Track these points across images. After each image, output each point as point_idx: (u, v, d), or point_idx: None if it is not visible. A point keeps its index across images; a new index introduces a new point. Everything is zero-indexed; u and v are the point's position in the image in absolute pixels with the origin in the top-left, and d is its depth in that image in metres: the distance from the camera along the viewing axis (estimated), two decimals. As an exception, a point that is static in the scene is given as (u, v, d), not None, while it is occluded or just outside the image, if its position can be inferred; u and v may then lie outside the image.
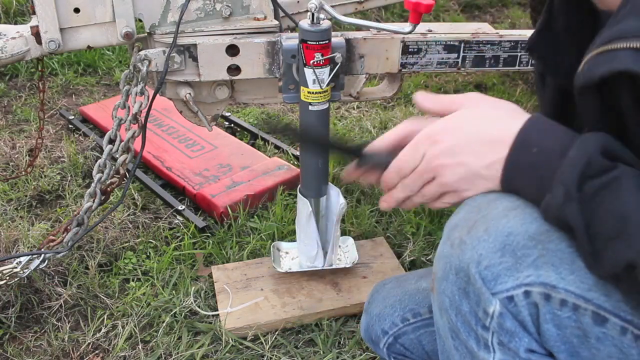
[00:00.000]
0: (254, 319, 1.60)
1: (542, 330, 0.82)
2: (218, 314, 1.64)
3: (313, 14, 1.32)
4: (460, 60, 1.55)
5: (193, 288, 1.73)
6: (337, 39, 1.44)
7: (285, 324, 1.61)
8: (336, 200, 1.59)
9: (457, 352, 0.93)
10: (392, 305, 1.23)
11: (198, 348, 1.54)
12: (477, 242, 0.82)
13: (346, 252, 1.78)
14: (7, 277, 1.46)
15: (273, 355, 1.54)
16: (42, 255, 1.46)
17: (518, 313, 0.81)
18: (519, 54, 1.56)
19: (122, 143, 1.42)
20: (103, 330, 1.60)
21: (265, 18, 1.49)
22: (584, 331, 0.80)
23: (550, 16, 0.99)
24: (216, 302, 1.67)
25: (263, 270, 1.76)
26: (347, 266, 1.71)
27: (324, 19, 1.34)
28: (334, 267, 1.71)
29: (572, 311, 0.80)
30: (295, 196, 2.12)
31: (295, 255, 1.76)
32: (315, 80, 1.38)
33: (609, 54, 0.72)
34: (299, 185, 1.59)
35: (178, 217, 2.04)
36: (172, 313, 1.64)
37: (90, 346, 1.57)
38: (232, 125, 2.61)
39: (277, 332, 1.60)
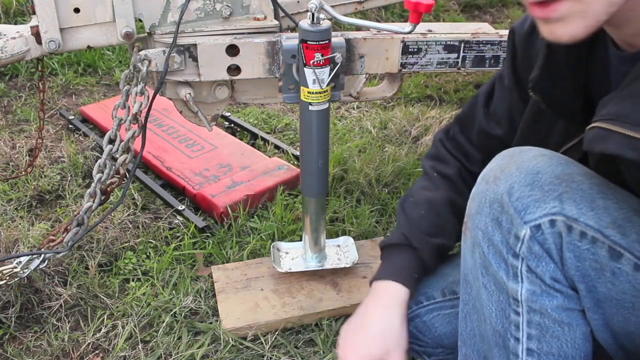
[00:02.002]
0: (254, 319, 1.60)
1: (564, 259, 0.93)
2: (218, 314, 1.64)
3: (313, 14, 1.32)
4: (460, 60, 1.55)
5: (193, 288, 1.73)
6: (337, 39, 1.44)
7: (285, 324, 1.61)
8: None
9: (485, 291, 1.02)
10: None
11: (198, 348, 1.54)
12: (509, 177, 0.96)
13: (346, 252, 1.78)
14: (7, 277, 1.46)
15: (273, 355, 1.54)
16: (42, 255, 1.46)
17: (544, 240, 0.92)
18: (519, 54, 1.56)
19: (122, 143, 1.42)
20: (103, 330, 1.60)
21: (265, 18, 1.49)
22: (600, 264, 0.90)
23: (550, 52, 1.01)
24: (216, 302, 1.67)
25: (263, 270, 1.76)
26: (347, 266, 1.71)
27: (324, 19, 1.34)
28: (334, 267, 1.71)
29: (591, 244, 0.90)
30: (296, 196, 2.13)
31: (295, 255, 1.76)
32: (315, 80, 1.39)
33: (606, 132, 0.81)
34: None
35: (178, 217, 2.04)
36: (172, 313, 1.64)
37: (90, 346, 1.57)
38: (232, 125, 2.61)
39: (277, 332, 1.60)
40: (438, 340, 1.25)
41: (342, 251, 1.78)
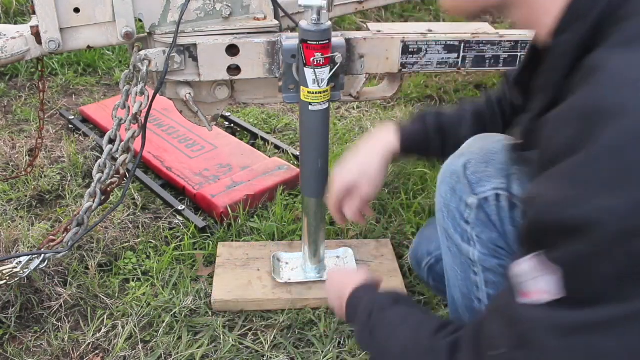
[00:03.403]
0: (242, 295, 1.66)
1: (506, 232, 1.07)
2: (218, 314, 1.64)
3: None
4: (460, 60, 1.55)
5: (193, 288, 1.73)
6: (337, 38, 1.44)
7: (273, 305, 1.66)
8: None
9: (449, 252, 1.18)
10: None
11: (198, 348, 1.54)
12: (469, 153, 1.12)
13: (345, 263, 1.80)
14: (7, 277, 1.46)
15: (273, 355, 1.54)
16: (42, 255, 1.46)
17: (490, 209, 1.07)
18: (519, 54, 1.56)
19: (122, 143, 1.42)
20: (103, 330, 1.60)
21: (265, 18, 1.49)
22: (513, 220, 1.07)
23: (533, 52, 1.06)
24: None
25: (265, 253, 1.82)
26: None
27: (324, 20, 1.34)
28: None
29: (515, 210, 1.06)
30: (296, 196, 2.13)
31: (294, 265, 1.78)
32: (315, 80, 1.38)
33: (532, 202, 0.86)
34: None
35: (178, 217, 2.04)
36: (172, 313, 1.64)
37: (90, 346, 1.57)
38: (232, 125, 2.61)
39: (276, 332, 1.60)
40: None
41: (341, 262, 1.80)
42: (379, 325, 1.05)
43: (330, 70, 1.40)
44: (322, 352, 1.55)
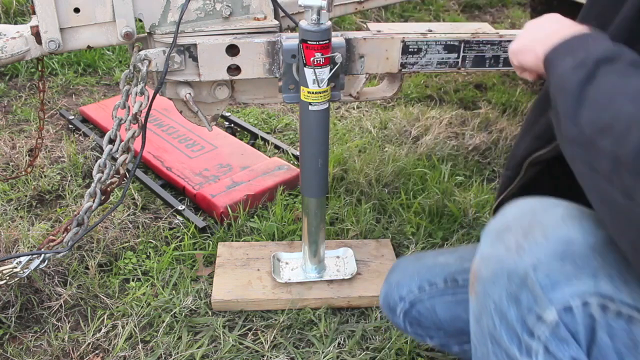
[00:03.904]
0: (243, 295, 1.66)
1: (596, 340, 0.83)
2: (218, 314, 1.64)
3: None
4: (460, 60, 1.55)
5: (193, 288, 1.73)
6: (337, 39, 1.44)
7: (273, 305, 1.66)
8: None
9: (495, 358, 0.94)
10: (410, 275, 1.30)
11: (198, 348, 1.54)
12: (536, 247, 0.84)
13: (345, 263, 1.80)
14: (7, 277, 1.46)
15: (273, 355, 1.54)
16: (42, 255, 1.46)
17: (574, 323, 0.82)
18: (519, 54, 1.56)
19: (122, 143, 1.42)
20: (103, 330, 1.60)
21: (265, 18, 1.49)
22: (634, 341, 0.82)
23: None
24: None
25: (265, 253, 1.82)
26: (346, 278, 1.72)
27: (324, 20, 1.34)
28: (332, 278, 1.73)
29: (627, 322, 0.82)
30: (296, 196, 2.13)
31: (295, 266, 1.78)
32: (315, 80, 1.38)
33: None
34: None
35: (178, 217, 2.04)
36: (172, 313, 1.64)
37: (90, 346, 1.57)
38: (232, 125, 2.61)
39: (276, 332, 1.60)
40: (439, 325, 1.28)
41: (341, 262, 1.80)
42: (610, 74, 0.79)
43: (330, 70, 1.40)
44: (322, 352, 1.55)
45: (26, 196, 2.11)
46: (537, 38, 0.96)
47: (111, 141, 1.43)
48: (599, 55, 0.81)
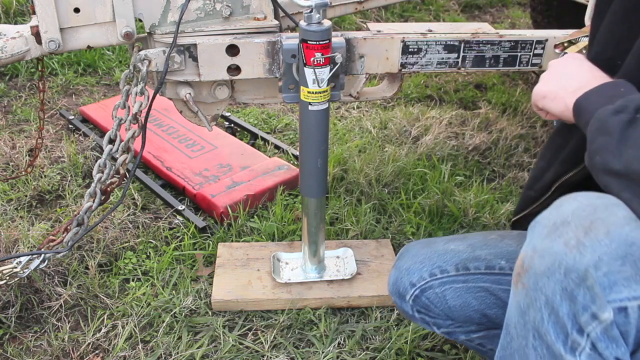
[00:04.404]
0: (242, 295, 1.67)
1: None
2: (218, 314, 1.64)
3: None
4: (460, 60, 1.55)
5: (193, 288, 1.73)
6: (337, 38, 1.44)
7: (273, 305, 1.66)
8: None
9: (534, 352, 0.94)
10: (421, 261, 1.30)
11: (198, 348, 1.54)
12: (598, 245, 0.83)
13: (345, 263, 1.80)
14: (7, 277, 1.46)
15: (273, 355, 1.54)
16: (42, 255, 1.46)
17: (627, 324, 0.83)
18: (519, 54, 1.56)
19: (122, 143, 1.42)
20: (103, 330, 1.60)
21: (265, 18, 1.49)
22: None
23: None
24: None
25: (265, 253, 1.83)
26: (346, 278, 1.72)
27: (324, 19, 1.34)
28: (332, 278, 1.73)
29: None
30: (296, 196, 2.13)
31: (295, 266, 1.78)
32: (315, 80, 1.38)
33: None
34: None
35: (178, 217, 2.04)
36: (172, 313, 1.64)
37: (90, 346, 1.57)
38: (232, 125, 2.61)
39: (276, 332, 1.60)
40: (448, 312, 1.29)
41: (341, 262, 1.80)
42: None
43: (330, 70, 1.40)
44: (322, 352, 1.55)
45: (26, 196, 2.11)
46: (568, 89, 1.03)
47: (111, 141, 1.43)
48: (638, 102, 0.90)
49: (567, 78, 1.06)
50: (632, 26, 1.04)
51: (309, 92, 1.41)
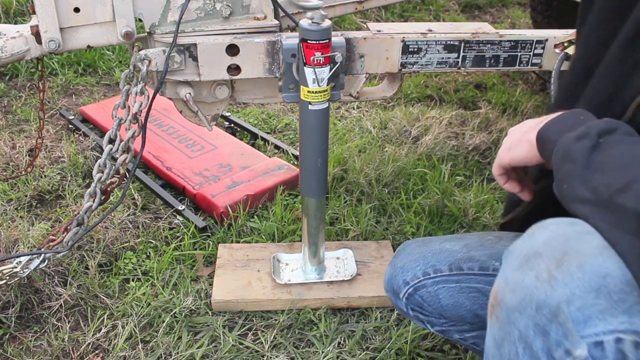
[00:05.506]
0: (243, 295, 1.67)
1: None
2: (218, 314, 1.64)
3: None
4: (460, 60, 1.55)
5: (193, 288, 1.73)
6: (337, 38, 1.44)
7: (273, 306, 1.66)
8: None
9: None
10: (415, 260, 1.30)
11: (198, 348, 1.54)
12: (570, 279, 0.81)
13: (345, 264, 1.80)
14: (7, 277, 1.46)
15: (273, 355, 1.54)
16: (42, 255, 1.45)
17: (603, 357, 0.79)
18: (519, 54, 1.56)
19: (122, 143, 1.42)
20: (103, 330, 1.60)
21: (265, 18, 1.48)
22: None
23: None
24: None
25: (265, 254, 1.83)
26: (346, 279, 1.72)
27: (324, 19, 1.34)
28: (332, 280, 1.73)
29: None
30: (296, 196, 2.13)
31: (295, 267, 1.78)
32: (315, 79, 1.38)
33: None
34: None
35: (178, 217, 2.04)
36: (172, 313, 1.64)
37: (90, 346, 1.57)
38: (232, 125, 2.61)
39: (276, 332, 1.60)
40: (441, 311, 1.29)
41: (341, 263, 1.80)
42: (613, 143, 0.87)
43: (330, 69, 1.40)
44: (322, 352, 1.55)
45: (26, 196, 2.11)
46: (528, 129, 1.04)
47: (111, 141, 1.43)
48: (599, 127, 0.90)
49: (523, 125, 1.07)
50: (604, 36, 1.05)
51: (309, 91, 1.41)
